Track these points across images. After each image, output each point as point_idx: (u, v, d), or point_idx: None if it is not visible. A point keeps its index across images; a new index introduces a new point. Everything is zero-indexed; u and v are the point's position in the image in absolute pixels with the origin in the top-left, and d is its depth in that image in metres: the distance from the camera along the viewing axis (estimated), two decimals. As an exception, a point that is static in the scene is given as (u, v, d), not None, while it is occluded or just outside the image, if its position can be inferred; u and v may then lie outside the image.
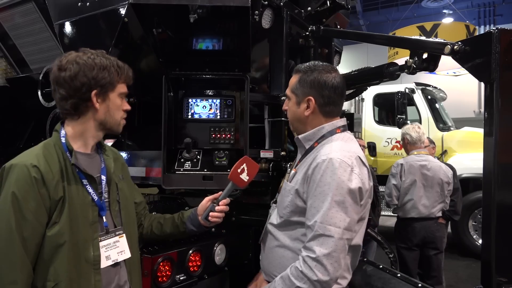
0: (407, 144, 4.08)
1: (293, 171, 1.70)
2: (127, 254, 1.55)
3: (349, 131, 1.72)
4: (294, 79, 1.70)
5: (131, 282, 1.58)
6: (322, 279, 1.40)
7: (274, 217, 1.73)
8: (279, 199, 1.74)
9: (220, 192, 1.73)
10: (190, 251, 2.24)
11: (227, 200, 1.73)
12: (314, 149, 1.64)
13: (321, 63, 1.71)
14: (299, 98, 1.66)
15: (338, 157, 1.49)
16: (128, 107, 1.60)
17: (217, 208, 1.70)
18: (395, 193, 3.97)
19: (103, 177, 1.54)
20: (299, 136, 1.71)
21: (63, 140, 1.47)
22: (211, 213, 1.70)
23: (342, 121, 1.70)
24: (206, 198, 1.75)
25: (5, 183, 1.36)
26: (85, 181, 1.46)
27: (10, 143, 3.59)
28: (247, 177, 1.66)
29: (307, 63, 1.71)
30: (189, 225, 1.75)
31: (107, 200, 1.54)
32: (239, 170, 1.65)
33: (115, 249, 1.51)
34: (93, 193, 1.47)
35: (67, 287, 1.36)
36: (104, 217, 1.49)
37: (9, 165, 1.38)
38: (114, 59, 1.54)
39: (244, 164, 1.66)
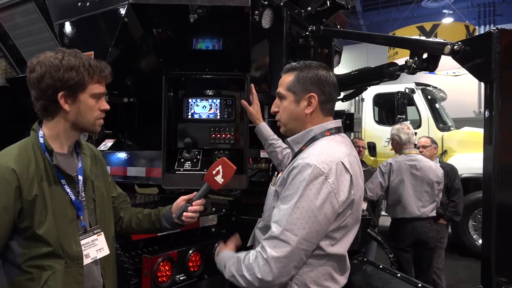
0: (396, 145, 4.09)
1: (280, 174, 1.63)
2: (106, 251, 1.57)
3: (342, 134, 1.63)
4: (289, 77, 1.62)
5: (104, 277, 1.58)
6: (265, 279, 1.39)
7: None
8: (265, 203, 1.72)
9: (195, 193, 1.73)
10: (190, 251, 2.25)
11: (201, 201, 1.73)
12: (302, 152, 1.56)
13: (313, 62, 1.65)
14: (298, 96, 1.59)
15: (314, 162, 1.40)
16: (106, 106, 1.55)
17: (190, 208, 1.70)
18: (379, 192, 3.94)
19: (80, 177, 1.54)
20: (288, 139, 1.65)
21: (41, 140, 1.46)
22: (184, 213, 1.71)
23: (334, 123, 1.61)
24: (181, 198, 1.76)
25: None
26: (63, 181, 1.47)
27: (9, 143, 3.58)
28: (222, 180, 1.64)
29: (298, 62, 1.64)
30: (164, 222, 1.76)
31: (83, 199, 1.55)
32: (214, 172, 1.64)
33: (93, 247, 1.52)
34: (70, 193, 1.47)
35: (62, 274, 1.39)
36: (81, 217, 1.51)
37: None
38: (87, 58, 1.47)
39: (220, 166, 1.65)
